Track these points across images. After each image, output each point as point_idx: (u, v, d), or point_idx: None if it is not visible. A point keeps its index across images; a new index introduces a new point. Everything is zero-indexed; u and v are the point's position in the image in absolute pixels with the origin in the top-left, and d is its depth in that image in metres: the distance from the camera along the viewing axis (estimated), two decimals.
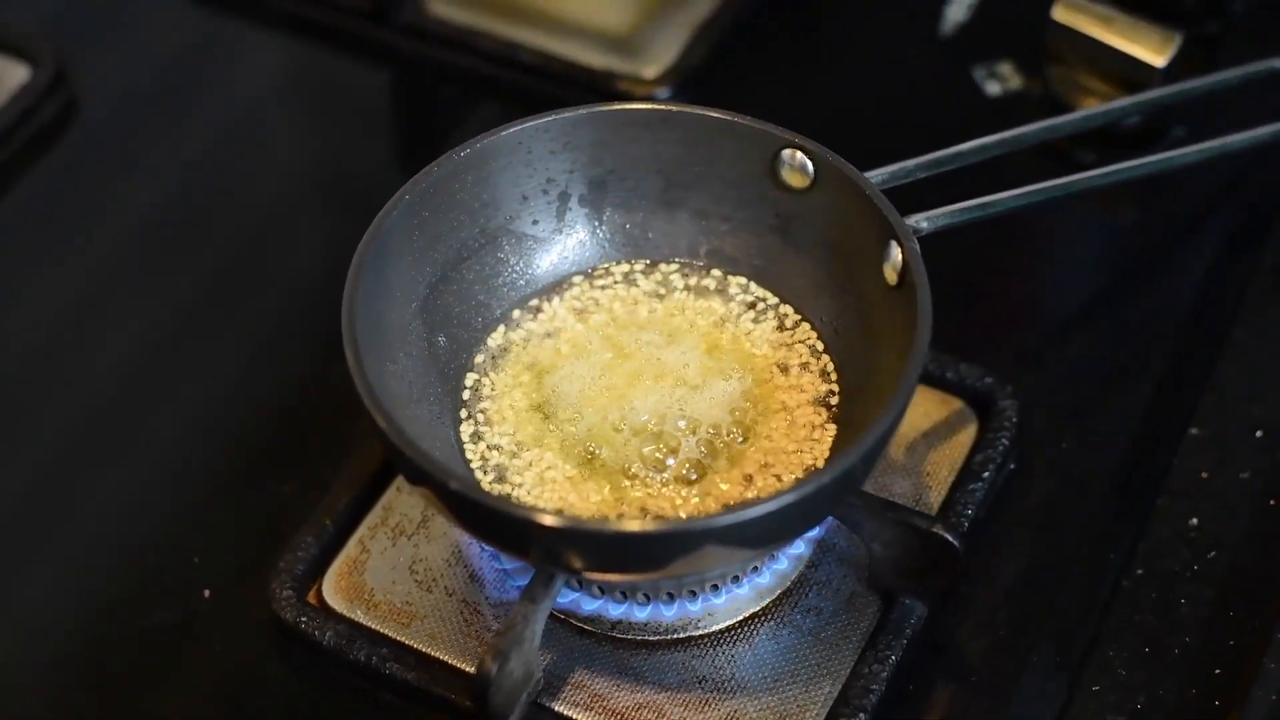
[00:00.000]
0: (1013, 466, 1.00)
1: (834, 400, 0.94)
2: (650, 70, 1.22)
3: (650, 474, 0.91)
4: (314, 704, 0.94)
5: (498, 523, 0.84)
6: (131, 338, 1.11)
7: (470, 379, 0.95)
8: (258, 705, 0.95)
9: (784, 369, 0.95)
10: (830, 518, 0.91)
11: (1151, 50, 1.14)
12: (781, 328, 0.97)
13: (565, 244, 0.99)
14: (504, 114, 0.98)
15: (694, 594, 0.91)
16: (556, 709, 0.90)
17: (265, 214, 1.20)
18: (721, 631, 0.93)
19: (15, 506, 1.03)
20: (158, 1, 1.31)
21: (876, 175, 0.95)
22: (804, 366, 0.95)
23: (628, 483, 0.91)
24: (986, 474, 0.98)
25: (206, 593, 0.97)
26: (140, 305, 1.13)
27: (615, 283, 0.99)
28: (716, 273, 0.99)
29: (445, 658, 0.93)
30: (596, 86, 1.20)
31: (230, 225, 1.18)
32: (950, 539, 0.89)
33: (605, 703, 0.91)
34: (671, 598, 0.91)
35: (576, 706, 0.91)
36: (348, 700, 0.94)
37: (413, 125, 1.27)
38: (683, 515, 0.89)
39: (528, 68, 1.23)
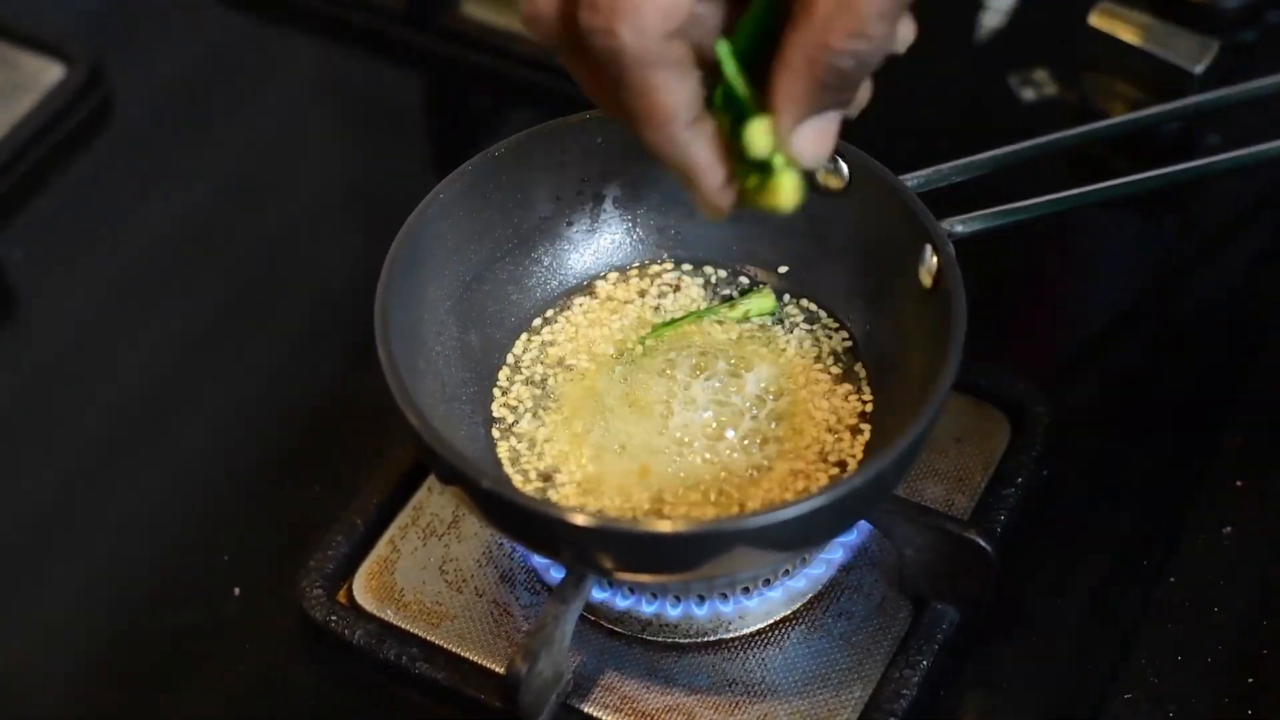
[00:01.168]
0: (1045, 473, 0.99)
1: (867, 404, 0.94)
2: None
3: (681, 474, 0.91)
4: (343, 703, 0.94)
5: (529, 522, 0.84)
6: (165, 337, 1.11)
7: (502, 377, 0.95)
8: (286, 704, 0.95)
9: (817, 372, 0.95)
10: (863, 522, 0.91)
11: (1188, 57, 1.13)
12: (815, 330, 0.97)
13: (598, 244, 0.99)
14: (539, 117, 0.98)
15: (725, 596, 0.91)
16: (586, 710, 0.90)
17: (298, 215, 1.20)
18: (752, 634, 0.92)
19: (47, 506, 1.04)
20: (193, 3, 1.32)
21: (912, 179, 0.95)
22: (837, 369, 0.95)
23: (658, 482, 0.90)
24: (1020, 480, 0.97)
25: (236, 591, 0.97)
26: (174, 304, 1.13)
27: (648, 283, 0.99)
28: (750, 274, 0.99)
29: (475, 658, 0.93)
30: None
31: (264, 226, 1.18)
32: (983, 544, 0.89)
33: (635, 705, 0.91)
34: (703, 600, 0.91)
35: (606, 708, 0.90)
36: (377, 700, 0.93)
37: (447, 128, 1.27)
38: (713, 517, 0.89)
39: (562, 71, 1.22)
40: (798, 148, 0.79)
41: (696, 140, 0.79)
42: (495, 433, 0.93)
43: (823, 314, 0.97)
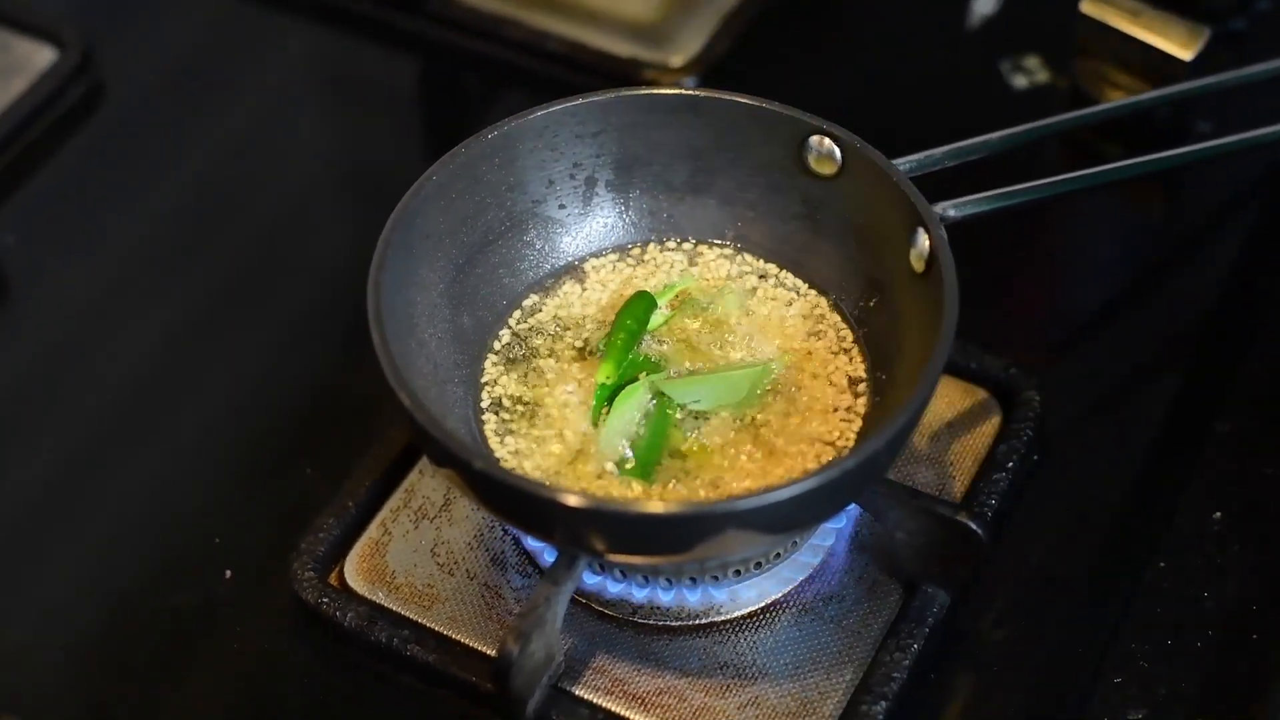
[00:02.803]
0: (1036, 457, 0.99)
1: (859, 387, 0.94)
2: (677, 59, 1.22)
3: (674, 455, 0.91)
4: (334, 685, 0.94)
5: (521, 503, 0.84)
6: (157, 321, 1.11)
7: (494, 359, 0.95)
8: (278, 686, 0.95)
9: (810, 355, 0.95)
10: (854, 505, 0.91)
11: (1179, 44, 1.14)
12: (808, 314, 0.97)
13: (591, 227, 0.99)
14: (531, 102, 0.98)
15: (717, 579, 0.91)
16: (577, 693, 0.90)
17: (291, 200, 1.20)
18: (744, 617, 0.93)
19: (40, 491, 1.04)
20: None
21: (904, 163, 0.95)
22: (830, 353, 0.95)
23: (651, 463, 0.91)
24: (1010, 464, 0.98)
25: (228, 574, 0.97)
26: (166, 289, 1.13)
27: (640, 267, 0.99)
28: (743, 258, 0.99)
29: (466, 640, 0.93)
30: (623, 75, 1.20)
31: (257, 210, 1.18)
32: (974, 527, 0.89)
33: (626, 687, 0.91)
34: (694, 583, 0.91)
35: (597, 691, 0.91)
36: (368, 682, 0.93)
37: (440, 113, 1.27)
38: (705, 498, 0.89)
39: (555, 56, 1.23)
40: None
41: None
42: (486, 414, 0.93)
43: (816, 296, 0.98)
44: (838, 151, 0.95)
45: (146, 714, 0.94)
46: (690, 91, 0.99)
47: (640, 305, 0.95)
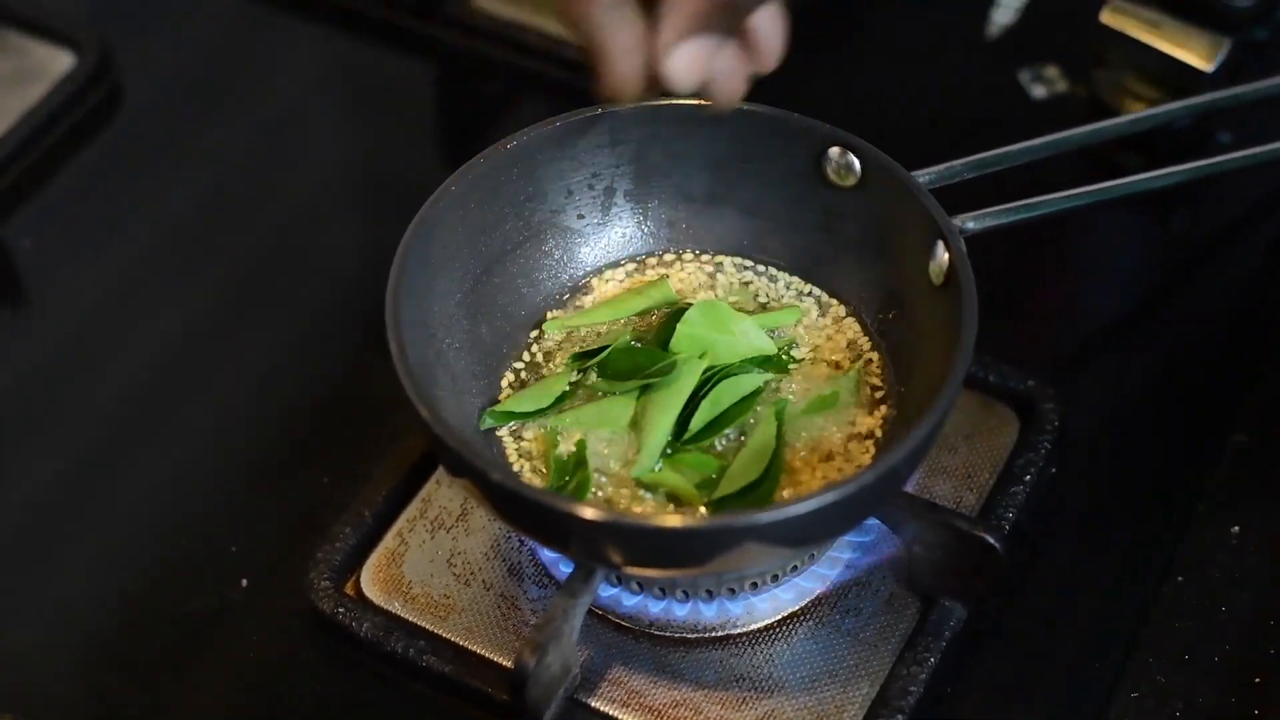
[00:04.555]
0: (1054, 470, 0.99)
1: (878, 398, 0.94)
2: None
3: (691, 465, 0.91)
4: (349, 695, 0.94)
5: (539, 516, 0.84)
6: (173, 326, 1.11)
7: (511, 370, 0.95)
8: (293, 695, 0.95)
9: (828, 367, 0.95)
10: (872, 519, 0.91)
11: (1200, 55, 1.13)
12: (826, 326, 0.97)
13: (609, 238, 0.99)
14: (548, 109, 0.98)
15: (733, 592, 0.91)
16: (593, 705, 0.90)
17: (308, 205, 1.20)
18: (760, 630, 0.92)
19: (55, 494, 1.04)
20: None
21: (924, 175, 0.95)
22: (848, 364, 0.95)
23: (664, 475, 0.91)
24: (1028, 477, 0.97)
25: (244, 582, 0.97)
26: (182, 293, 1.13)
27: (659, 277, 0.99)
28: (761, 269, 0.99)
29: (482, 651, 0.93)
30: None
31: (273, 216, 1.18)
32: (991, 541, 0.89)
33: (642, 699, 0.91)
34: (711, 595, 0.91)
35: (613, 703, 0.90)
36: (383, 692, 0.93)
37: (457, 120, 1.27)
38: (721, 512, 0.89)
39: (572, 64, 1.23)
40: (670, 65, 0.83)
41: (616, 22, 0.83)
42: (503, 427, 0.93)
43: (835, 308, 0.97)
44: (857, 163, 0.95)
45: None
46: (710, 102, 0.98)
47: (666, 329, 0.95)
